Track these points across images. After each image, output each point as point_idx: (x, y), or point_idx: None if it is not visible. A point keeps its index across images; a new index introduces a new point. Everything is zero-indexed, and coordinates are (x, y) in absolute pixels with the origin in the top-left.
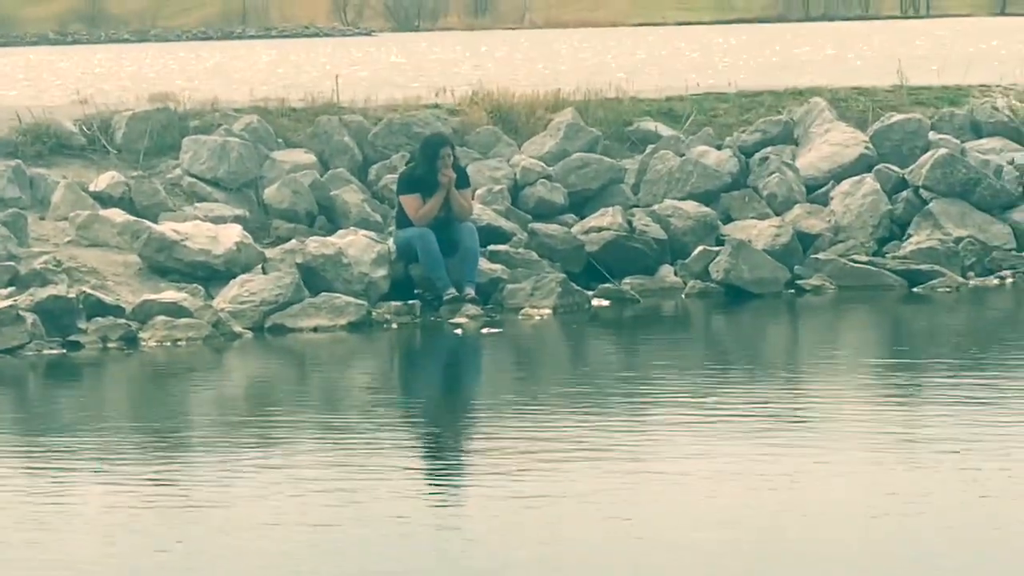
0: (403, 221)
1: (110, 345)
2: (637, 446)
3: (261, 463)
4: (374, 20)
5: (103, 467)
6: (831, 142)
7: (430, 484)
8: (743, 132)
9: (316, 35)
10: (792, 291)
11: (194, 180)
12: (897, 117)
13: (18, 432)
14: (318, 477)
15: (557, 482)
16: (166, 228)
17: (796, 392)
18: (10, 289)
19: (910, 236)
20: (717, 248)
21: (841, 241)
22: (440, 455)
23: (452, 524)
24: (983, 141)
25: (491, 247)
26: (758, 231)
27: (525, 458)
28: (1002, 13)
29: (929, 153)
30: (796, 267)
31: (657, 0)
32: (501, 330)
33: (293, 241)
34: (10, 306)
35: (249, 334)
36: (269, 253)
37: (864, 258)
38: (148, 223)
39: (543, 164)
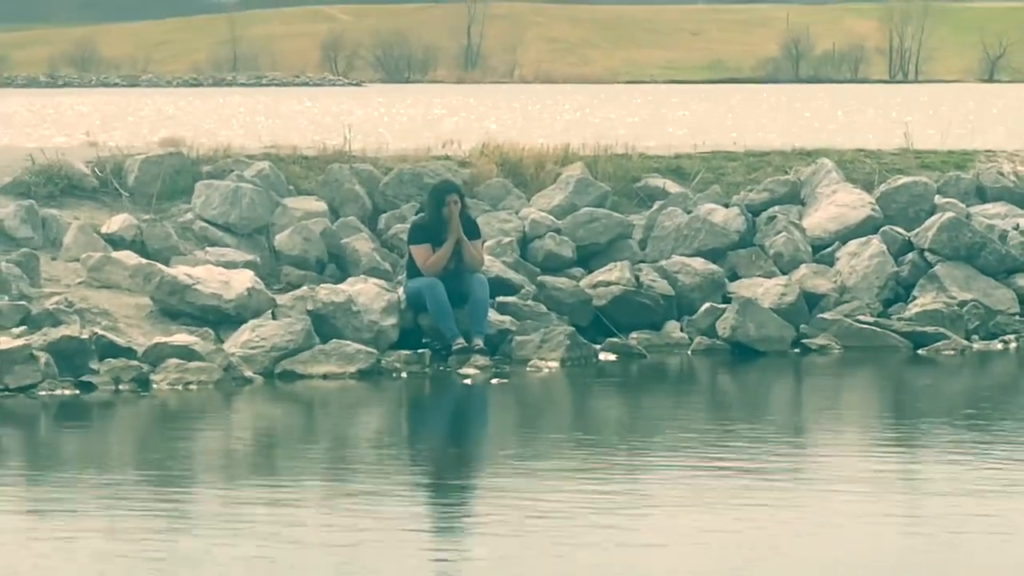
0: (413, 271)
1: (122, 387)
2: (637, 502)
3: (263, 513)
4: (364, 71)
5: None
6: (838, 203)
7: (431, 536)
8: (750, 191)
9: (306, 84)
10: (797, 350)
11: (206, 225)
12: (904, 180)
13: (23, 472)
14: (321, 529)
15: (558, 537)
16: (178, 272)
17: (798, 452)
18: (21, 328)
19: (915, 298)
20: (724, 305)
21: (847, 302)
22: (442, 507)
23: (453, 573)
24: (988, 206)
25: (500, 299)
26: (764, 289)
27: (526, 513)
28: (990, 79)
29: (935, 216)
30: (802, 326)
31: (646, 57)
32: (512, 381)
33: (304, 288)
34: (23, 345)
35: (260, 379)
36: (280, 299)
37: (870, 319)
38: (160, 266)
39: (552, 218)
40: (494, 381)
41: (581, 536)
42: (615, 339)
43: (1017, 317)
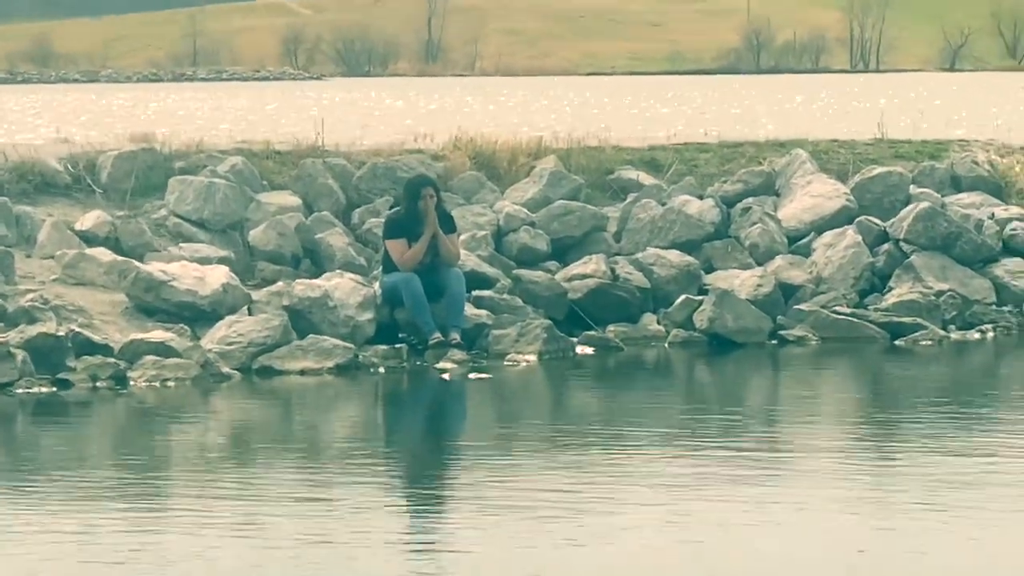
0: (389, 266)
1: (99, 384)
2: (612, 495)
3: (238, 509)
4: (324, 65)
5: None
6: (812, 194)
7: (407, 530)
8: (725, 182)
9: (267, 79)
10: (775, 342)
11: (180, 220)
12: (878, 170)
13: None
14: (296, 523)
15: (533, 529)
16: (153, 268)
17: (774, 443)
18: None
19: (891, 289)
20: (700, 297)
21: (823, 292)
22: (418, 501)
23: (429, 570)
24: (963, 195)
25: (475, 292)
26: (741, 281)
27: (502, 506)
28: (952, 68)
29: (911, 206)
30: (779, 318)
31: (607, 49)
32: (490, 376)
33: (280, 283)
34: (0, 343)
35: (237, 375)
36: (255, 295)
37: (847, 310)
38: (136, 263)
39: (526, 211)
40: (472, 375)
41: (556, 529)
42: (592, 332)
43: (994, 307)
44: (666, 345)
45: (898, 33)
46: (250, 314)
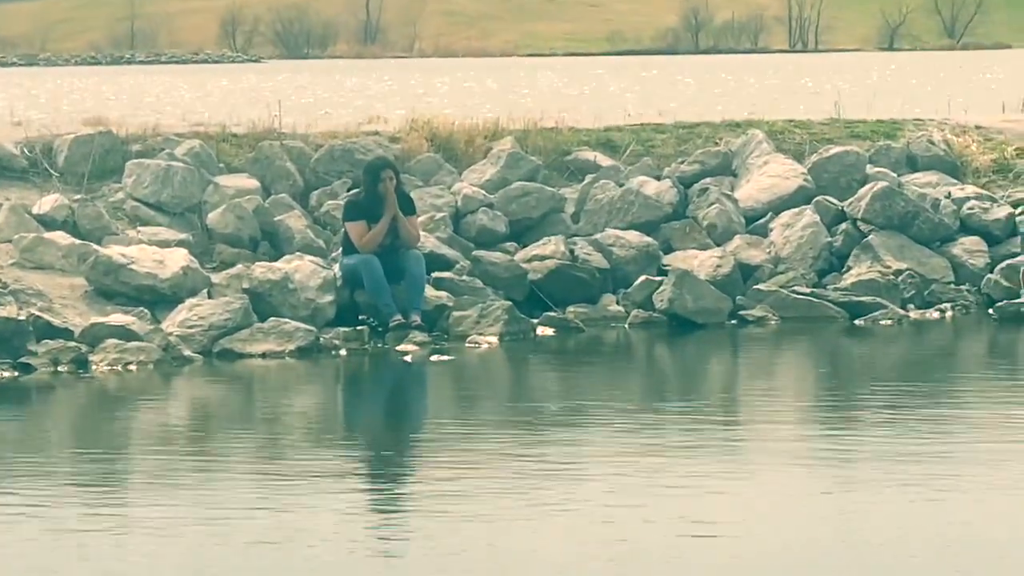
0: (348, 248)
1: (61, 368)
2: (571, 475)
3: (198, 493)
4: (263, 47)
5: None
6: (769, 174)
7: (367, 513)
8: (682, 163)
9: (206, 61)
10: (734, 322)
11: (137, 204)
12: (835, 149)
13: None
14: (256, 509)
15: (491, 511)
16: (113, 251)
17: (733, 422)
18: None
19: (849, 268)
20: (660, 278)
21: (781, 272)
22: (380, 483)
23: (390, 550)
24: (919, 175)
25: (435, 274)
26: (699, 261)
27: (463, 487)
28: (890, 48)
29: (868, 186)
30: (738, 298)
31: (546, 30)
32: (452, 358)
33: (239, 266)
34: None
35: (199, 359)
36: (215, 278)
37: (806, 290)
38: (95, 246)
39: (484, 192)
40: (434, 358)
41: (514, 508)
42: (552, 313)
43: (952, 286)
44: (626, 326)
45: (836, 12)
46: (210, 297)
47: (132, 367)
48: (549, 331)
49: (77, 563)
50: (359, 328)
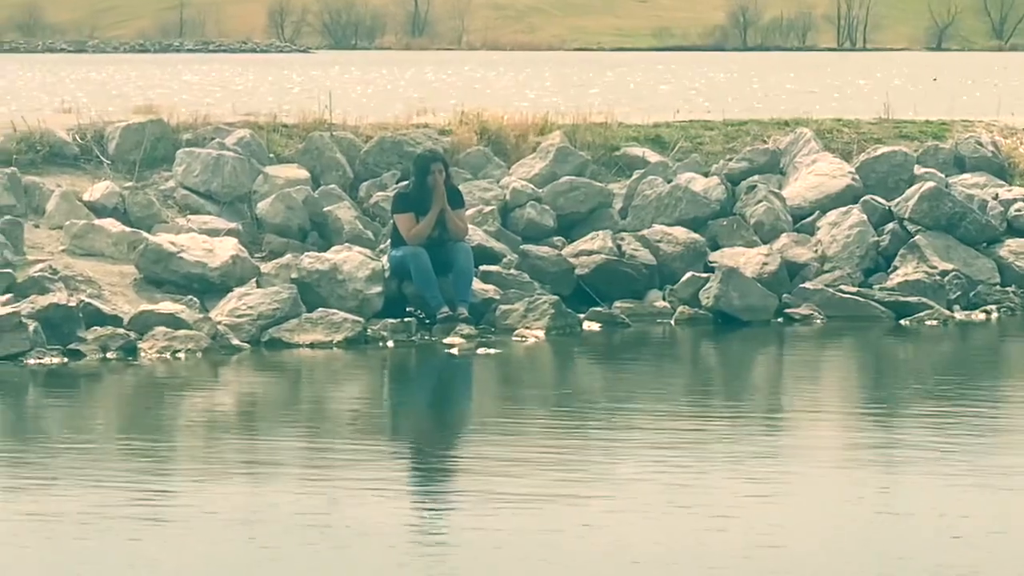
0: (397, 240)
1: (110, 355)
2: (615, 471)
3: (243, 482)
4: (310, 37)
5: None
6: (817, 172)
7: (411, 503)
8: (730, 160)
9: (253, 50)
10: (780, 320)
11: (187, 192)
12: (883, 149)
13: (6, 442)
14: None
15: (535, 507)
16: (163, 240)
17: (777, 421)
18: (7, 296)
19: (896, 268)
20: (706, 274)
21: (827, 271)
22: (421, 475)
23: (432, 542)
24: (967, 176)
25: (483, 268)
26: (746, 259)
27: (505, 483)
28: (938, 48)
29: (916, 186)
30: (784, 296)
31: (593, 24)
32: (499, 351)
33: (288, 256)
34: (12, 313)
35: (247, 348)
36: (263, 267)
37: (852, 289)
38: (145, 234)
39: (533, 186)
40: (481, 351)
41: (557, 506)
42: (599, 308)
43: (998, 287)
44: (672, 322)
45: (885, 11)
46: (259, 287)
47: (180, 355)
48: (595, 326)
49: (126, 549)
50: (406, 320)
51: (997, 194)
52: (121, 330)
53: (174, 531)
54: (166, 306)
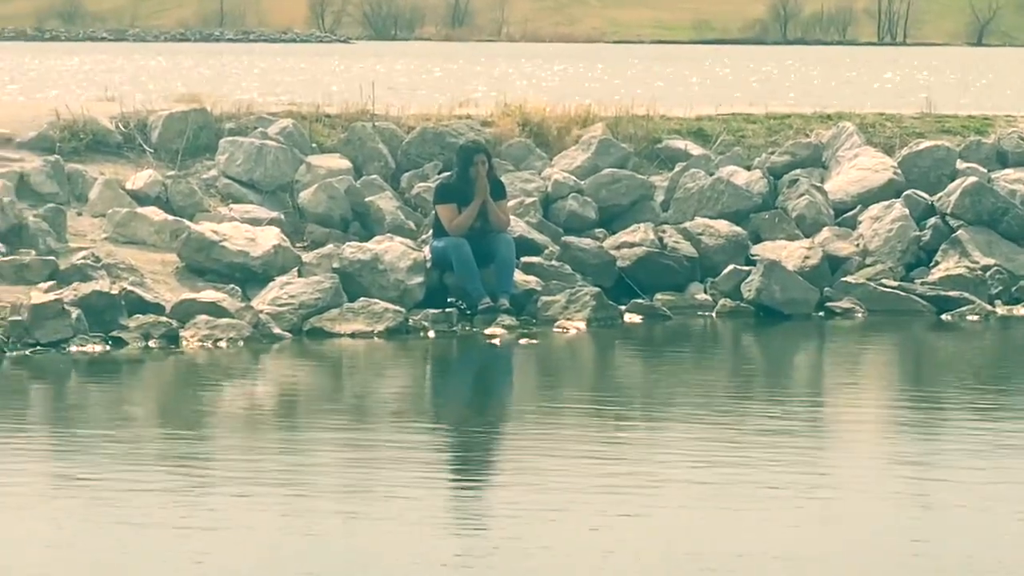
0: (439, 230)
1: (152, 343)
2: (654, 467)
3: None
4: (351, 27)
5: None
6: (860, 166)
7: (452, 494)
8: (772, 154)
9: (293, 40)
10: (821, 314)
11: (230, 181)
12: (926, 144)
13: (48, 429)
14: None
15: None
16: (205, 228)
17: (818, 415)
18: (49, 284)
19: (937, 263)
20: (748, 268)
21: (869, 265)
22: (464, 465)
23: (469, 530)
24: (1009, 171)
25: (524, 259)
26: (788, 252)
27: (545, 475)
28: (979, 43)
29: (958, 181)
30: (826, 290)
31: (632, 17)
32: (539, 342)
33: (330, 245)
34: (55, 300)
35: (289, 337)
36: (305, 257)
37: (894, 283)
38: (187, 223)
39: (575, 178)
40: (522, 342)
41: (597, 498)
42: (640, 300)
43: None
44: (713, 315)
45: (926, 6)
46: (300, 276)
47: (222, 343)
48: (636, 318)
49: (171, 536)
50: (448, 310)
51: None
52: (163, 318)
53: (215, 519)
54: (208, 295)
